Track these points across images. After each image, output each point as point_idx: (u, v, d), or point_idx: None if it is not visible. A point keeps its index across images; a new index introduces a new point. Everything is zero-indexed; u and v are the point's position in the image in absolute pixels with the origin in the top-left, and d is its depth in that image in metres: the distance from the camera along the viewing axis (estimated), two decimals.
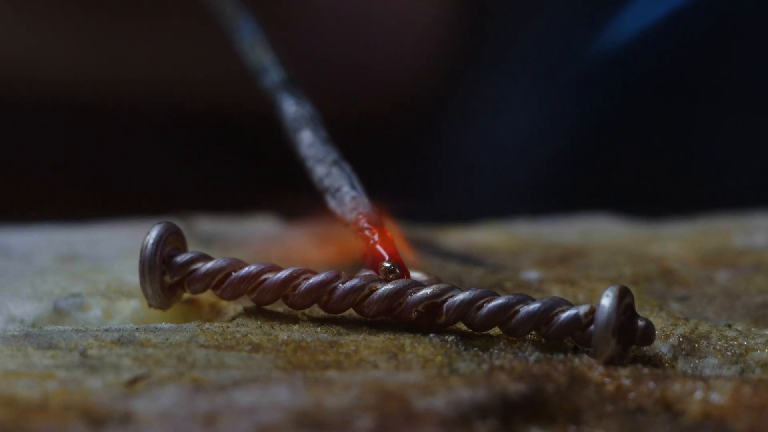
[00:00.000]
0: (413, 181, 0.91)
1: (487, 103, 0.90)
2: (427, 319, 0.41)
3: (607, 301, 0.39)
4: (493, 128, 0.91)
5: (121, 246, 0.50)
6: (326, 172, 0.46)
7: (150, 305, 0.43)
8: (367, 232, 0.44)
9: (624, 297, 0.39)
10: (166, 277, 0.42)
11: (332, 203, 0.46)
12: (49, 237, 0.52)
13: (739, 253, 0.52)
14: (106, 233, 0.53)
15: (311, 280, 0.42)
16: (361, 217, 0.44)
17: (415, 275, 0.43)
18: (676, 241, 0.54)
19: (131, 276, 0.45)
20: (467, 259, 0.51)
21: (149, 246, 0.42)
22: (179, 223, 0.43)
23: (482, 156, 0.91)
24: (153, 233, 0.42)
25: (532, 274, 0.48)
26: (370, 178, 0.47)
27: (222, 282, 0.42)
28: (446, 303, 0.41)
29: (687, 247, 0.53)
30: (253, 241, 0.52)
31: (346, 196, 0.45)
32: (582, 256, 0.51)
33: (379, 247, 0.43)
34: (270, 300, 0.42)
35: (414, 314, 0.41)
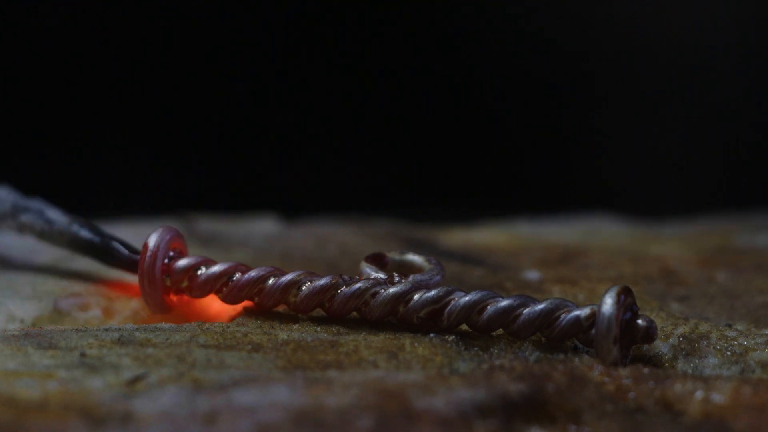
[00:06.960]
0: None
1: None
2: (430, 324, 0.41)
3: (606, 308, 0.39)
4: None
5: None
6: None
7: (152, 312, 0.43)
8: None
9: (624, 300, 0.39)
10: (167, 282, 0.42)
11: None
12: None
13: (739, 253, 0.52)
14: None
15: (312, 286, 0.41)
16: None
17: (416, 259, 0.43)
18: (676, 241, 0.54)
19: (131, 275, 0.45)
20: (467, 259, 0.51)
21: (147, 259, 0.42)
22: (179, 224, 0.43)
23: None
24: (150, 243, 0.42)
25: (532, 274, 0.48)
26: None
27: (223, 287, 0.42)
28: (447, 308, 0.41)
29: (687, 247, 0.53)
30: (253, 241, 0.52)
31: None
32: (582, 256, 0.51)
33: None
34: (272, 305, 0.42)
35: (416, 320, 0.41)
